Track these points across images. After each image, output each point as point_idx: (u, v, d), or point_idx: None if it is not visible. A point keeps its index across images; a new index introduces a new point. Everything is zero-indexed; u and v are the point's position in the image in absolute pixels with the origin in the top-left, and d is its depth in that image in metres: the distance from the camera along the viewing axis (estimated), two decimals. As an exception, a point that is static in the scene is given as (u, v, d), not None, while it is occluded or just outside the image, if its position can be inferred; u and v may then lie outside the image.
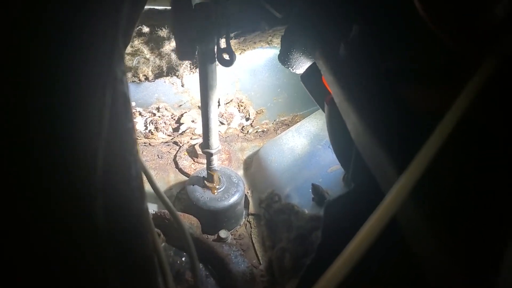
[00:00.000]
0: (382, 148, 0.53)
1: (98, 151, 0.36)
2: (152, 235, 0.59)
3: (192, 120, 1.62)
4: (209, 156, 1.20)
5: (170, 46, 1.24)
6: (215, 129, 1.13)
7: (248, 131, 1.75)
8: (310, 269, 0.65)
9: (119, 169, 0.44)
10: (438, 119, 0.40)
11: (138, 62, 1.28)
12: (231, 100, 1.65)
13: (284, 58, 0.95)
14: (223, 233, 1.22)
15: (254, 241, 1.28)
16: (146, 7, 1.14)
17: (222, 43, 0.96)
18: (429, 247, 0.38)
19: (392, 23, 0.61)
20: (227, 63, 0.97)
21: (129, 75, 1.32)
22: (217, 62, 0.99)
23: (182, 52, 0.89)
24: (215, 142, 1.16)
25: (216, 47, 0.96)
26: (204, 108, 1.06)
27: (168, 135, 1.63)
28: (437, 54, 0.55)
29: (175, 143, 1.67)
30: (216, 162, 1.22)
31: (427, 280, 0.41)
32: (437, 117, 0.49)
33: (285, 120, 1.80)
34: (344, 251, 0.35)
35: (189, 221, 1.15)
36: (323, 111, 0.89)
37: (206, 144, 1.16)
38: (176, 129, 1.62)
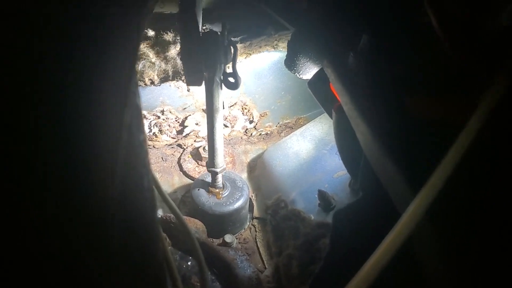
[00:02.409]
0: (392, 159, 0.53)
1: (116, 166, 0.36)
2: (162, 243, 0.59)
3: (196, 123, 1.62)
4: (214, 175, 1.23)
5: (175, 50, 1.24)
6: (221, 148, 1.15)
7: (251, 134, 1.75)
8: (319, 277, 0.66)
9: (132, 181, 0.44)
10: (445, 130, 0.40)
11: (144, 66, 1.28)
12: (235, 103, 1.66)
13: (290, 63, 0.95)
14: (228, 238, 1.23)
15: (259, 245, 1.28)
16: (152, 11, 1.14)
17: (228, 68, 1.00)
18: (440, 268, 0.39)
19: (400, 34, 0.62)
20: (233, 86, 1.01)
21: (135, 79, 1.32)
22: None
23: (190, 79, 0.92)
24: (221, 161, 1.19)
25: (222, 71, 1.00)
26: (210, 129, 1.09)
27: (172, 138, 1.63)
28: (444, 64, 0.55)
29: (179, 145, 1.67)
30: (220, 181, 1.26)
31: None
32: (444, 127, 0.49)
33: (289, 122, 1.80)
34: (359, 272, 0.35)
35: (194, 225, 1.15)
36: (331, 118, 0.89)
37: (211, 163, 1.19)
38: (180, 132, 1.62)
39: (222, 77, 1.00)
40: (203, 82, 0.97)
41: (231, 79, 1.00)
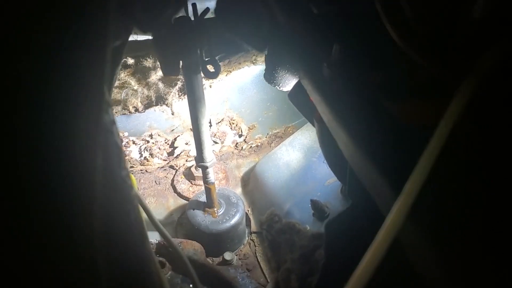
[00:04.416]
0: (375, 166, 0.54)
1: (94, 202, 0.36)
2: (158, 275, 0.59)
3: (186, 143, 1.63)
4: (204, 169, 1.17)
5: (156, 75, 1.25)
6: (208, 141, 1.10)
7: (242, 147, 1.76)
8: (317, 289, 0.66)
9: (118, 217, 0.44)
10: (427, 133, 0.41)
11: (127, 94, 1.29)
12: (222, 119, 1.66)
13: (270, 77, 0.96)
14: (228, 255, 1.22)
15: (259, 260, 1.28)
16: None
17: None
18: (431, 268, 0.39)
19: (370, 43, 0.63)
20: (212, 75, 0.96)
21: (119, 108, 1.33)
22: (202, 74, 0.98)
23: (167, 68, 0.89)
24: (209, 155, 1.14)
25: (200, 59, 0.95)
26: (195, 121, 1.05)
27: (164, 160, 1.63)
28: (417, 71, 0.56)
29: (171, 167, 1.67)
30: (212, 175, 1.21)
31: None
32: (426, 130, 0.50)
33: (278, 132, 1.81)
34: (350, 280, 0.35)
35: (192, 247, 1.15)
36: (314, 126, 0.90)
37: (200, 157, 1.14)
38: (170, 153, 1.62)
39: (201, 65, 0.95)
40: (180, 71, 0.93)
41: (210, 68, 0.96)
